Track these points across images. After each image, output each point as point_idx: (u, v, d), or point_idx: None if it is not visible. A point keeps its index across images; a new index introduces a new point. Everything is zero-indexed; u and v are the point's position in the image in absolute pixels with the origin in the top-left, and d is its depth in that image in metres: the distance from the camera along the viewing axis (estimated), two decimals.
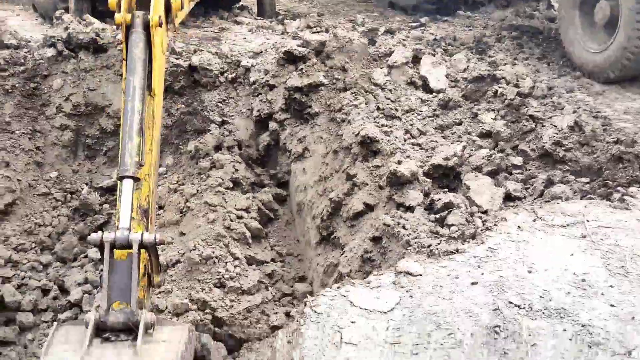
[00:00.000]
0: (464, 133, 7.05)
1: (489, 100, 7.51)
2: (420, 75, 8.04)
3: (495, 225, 5.17)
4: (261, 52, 8.70)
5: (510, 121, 7.07)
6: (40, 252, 7.03)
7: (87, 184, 7.79)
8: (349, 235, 6.09)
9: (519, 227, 5.09)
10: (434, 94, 7.79)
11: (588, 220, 5.11)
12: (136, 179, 4.34)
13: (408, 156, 6.36)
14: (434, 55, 8.32)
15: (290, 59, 7.99)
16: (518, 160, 6.49)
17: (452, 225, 5.29)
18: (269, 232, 7.36)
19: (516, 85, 7.60)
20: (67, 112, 8.01)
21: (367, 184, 6.26)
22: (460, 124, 7.27)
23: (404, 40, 9.11)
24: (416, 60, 8.23)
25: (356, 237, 5.93)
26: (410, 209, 5.72)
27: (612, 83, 8.52)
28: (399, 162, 6.09)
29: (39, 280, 6.73)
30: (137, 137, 4.37)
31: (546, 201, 5.60)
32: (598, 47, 8.70)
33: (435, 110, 7.53)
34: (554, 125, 6.74)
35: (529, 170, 6.39)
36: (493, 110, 7.32)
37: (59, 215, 7.44)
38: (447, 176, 6.20)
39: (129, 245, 4.20)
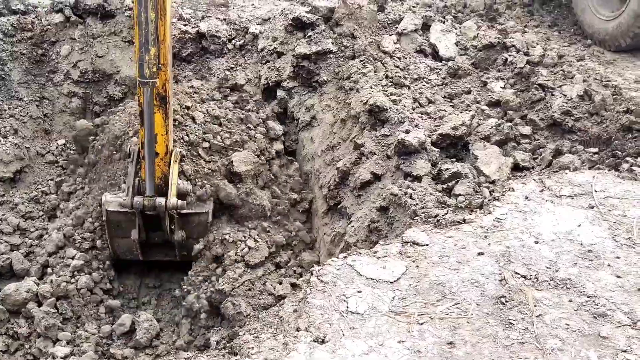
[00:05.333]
0: (473, 102, 7.01)
1: (498, 68, 7.46)
2: (429, 42, 7.98)
3: (503, 195, 5.16)
4: (269, 18, 8.63)
5: (519, 90, 7.03)
6: (48, 220, 7.06)
7: None
8: (356, 204, 6.09)
9: (526, 197, 5.08)
10: (443, 62, 7.73)
11: (596, 191, 5.09)
12: (154, 87, 5.44)
13: (416, 125, 6.34)
14: (443, 23, 8.24)
15: (299, 25, 7.92)
16: (527, 129, 6.46)
17: (460, 195, 5.29)
18: None
19: (526, 54, 7.53)
20: (75, 79, 7.99)
21: (374, 153, 6.25)
22: (469, 92, 7.23)
23: (413, 7, 9.00)
24: (426, 27, 8.16)
25: (363, 206, 5.94)
26: (417, 178, 5.71)
27: (623, 51, 8.41)
28: (407, 132, 6.07)
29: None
30: (152, 47, 5.33)
31: (554, 171, 5.59)
32: (610, 15, 8.58)
33: (444, 78, 7.49)
34: (564, 95, 6.69)
35: (538, 140, 6.37)
36: (502, 79, 7.27)
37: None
38: (455, 146, 6.18)
39: (155, 209, 5.93)
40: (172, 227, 6.25)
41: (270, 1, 9.93)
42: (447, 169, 5.65)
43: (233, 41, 8.36)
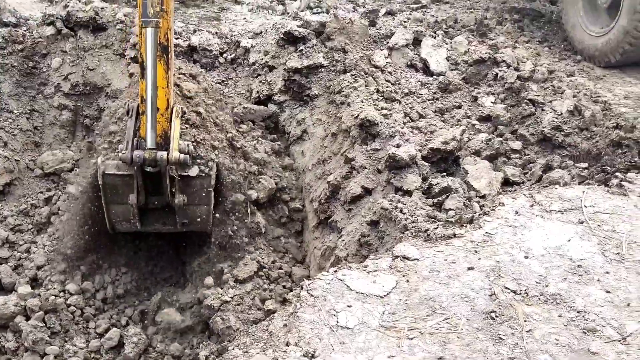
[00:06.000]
0: (464, 117, 7.03)
1: (489, 83, 7.49)
2: (420, 57, 8.01)
3: (493, 210, 5.17)
4: (261, 32, 8.66)
5: (510, 105, 7.06)
6: (37, 233, 7.03)
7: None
8: (347, 218, 6.09)
9: (516, 212, 5.08)
10: (434, 76, 7.77)
11: (586, 206, 5.10)
12: (157, 27, 5.29)
13: (407, 140, 6.35)
14: (434, 38, 8.28)
15: (290, 39, 7.95)
16: (517, 144, 6.49)
17: (450, 209, 5.30)
18: None
19: (517, 69, 7.57)
20: (66, 92, 7.97)
21: (365, 168, 6.25)
22: (459, 107, 7.26)
23: (404, 22, 9.06)
24: (417, 42, 8.20)
25: (354, 220, 5.93)
26: (408, 193, 5.71)
27: (612, 67, 8.48)
28: (398, 146, 6.08)
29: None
30: None
31: (544, 186, 5.60)
32: (599, 31, 8.66)
33: (435, 93, 7.52)
34: (554, 110, 6.72)
35: (528, 155, 6.39)
36: (493, 94, 7.31)
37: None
38: (445, 160, 6.19)
39: (157, 164, 5.54)
40: (173, 190, 5.91)
41: (262, 15, 9.98)
42: (438, 183, 5.66)
43: (225, 55, 8.38)
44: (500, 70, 7.50)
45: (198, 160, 5.97)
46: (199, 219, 6.16)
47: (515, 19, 10.19)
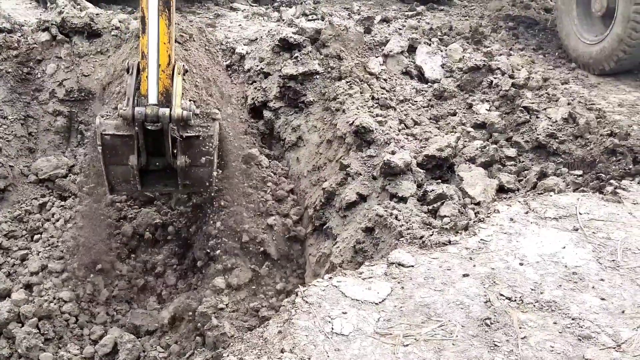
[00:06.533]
0: (458, 124, 7.04)
1: (484, 91, 7.51)
2: (415, 64, 8.03)
3: (488, 217, 5.18)
4: (256, 39, 8.67)
5: (504, 112, 7.07)
6: (31, 240, 7.01)
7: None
8: (342, 225, 6.09)
9: (511, 219, 5.09)
10: (429, 84, 7.78)
11: (580, 213, 5.11)
12: None
13: (402, 146, 6.36)
14: (429, 45, 8.30)
15: (286, 46, 7.95)
16: (512, 151, 6.50)
17: (445, 216, 5.30)
18: None
19: (511, 76, 7.59)
20: (61, 98, 7.96)
21: (360, 174, 6.25)
22: (454, 114, 7.27)
23: (399, 29, 9.07)
24: (412, 49, 8.22)
25: (349, 227, 5.93)
26: (403, 199, 5.72)
27: (607, 75, 8.52)
28: (393, 153, 6.09)
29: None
30: None
31: (539, 193, 5.61)
32: (594, 39, 8.69)
33: (430, 100, 7.53)
34: (548, 117, 6.74)
35: (523, 162, 6.40)
36: (488, 101, 7.32)
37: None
38: (440, 167, 6.20)
39: (158, 121, 5.33)
40: (174, 151, 5.72)
41: (257, 22, 10.00)
42: (433, 190, 5.66)
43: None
44: (495, 78, 7.52)
45: (200, 120, 5.76)
46: (201, 181, 5.98)
47: (510, 27, 10.23)
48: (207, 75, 6.42)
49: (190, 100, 5.66)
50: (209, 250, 6.57)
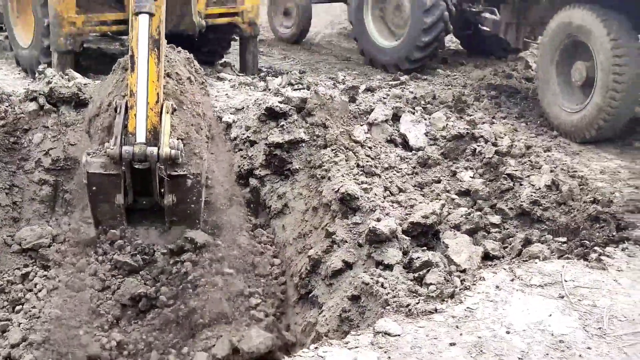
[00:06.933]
0: (443, 191, 7.10)
1: (467, 158, 7.59)
2: (399, 132, 8.12)
3: (474, 284, 5.17)
4: (243, 108, 8.76)
5: (488, 180, 7.14)
6: (12, 311, 6.90)
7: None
8: (328, 293, 6.05)
9: (497, 286, 5.09)
10: (414, 151, 7.86)
11: (566, 280, 5.12)
12: (151, 15, 5.28)
13: (387, 214, 6.38)
14: (413, 114, 8.41)
15: (272, 115, 8.04)
16: (496, 218, 6.53)
17: (431, 284, 5.29)
18: None
19: (494, 144, 7.68)
20: (46, 167, 7.96)
21: (346, 242, 6.25)
22: (439, 182, 7.33)
23: (384, 98, 9.21)
24: (396, 118, 8.32)
25: (335, 295, 5.90)
26: (389, 267, 5.71)
27: (588, 143, 8.65)
28: (379, 220, 6.10)
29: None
30: None
31: (524, 260, 5.62)
32: (575, 108, 8.87)
33: (414, 168, 7.60)
34: (532, 184, 6.80)
35: (507, 229, 6.43)
36: (472, 168, 7.40)
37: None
38: (425, 234, 6.22)
39: (146, 160, 5.29)
40: (162, 190, 5.63)
41: (244, 91, 10.14)
42: (418, 257, 5.67)
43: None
44: (478, 146, 7.61)
45: (187, 159, 5.73)
46: (189, 218, 5.94)
47: (493, 96, 10.42)
48: (197, 111, 6.45)
49: (178, 139, 5.64)
50: (191, 325, 6.47)
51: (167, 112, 5.50)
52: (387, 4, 13.68)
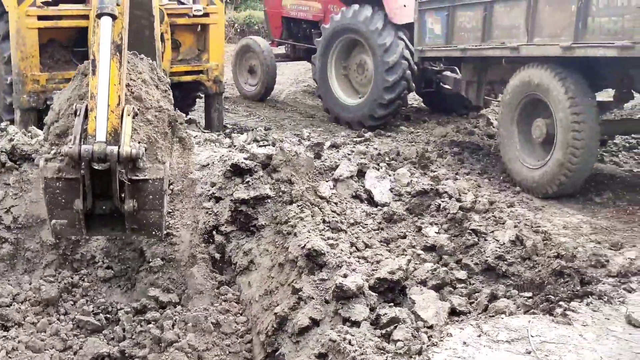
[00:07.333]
0: (409, 246, 7.12)
1: (432, 214, 7.64)
2: (365, 188, 8.17)
3: (441, 340, 5.15)
4: (208, 164, 8.76)
5: (453, 235, 7.19)
6: None
7: None
8: (295, 351, 5.96)
9: (464, 342, 5.08)
10: (379, 207, 7.90)
11: (532, 336, 5.13)
12: (114, 17, 5.20)
13: (354, 269, 6.36)
14: (378, 170, 8.48)
15: (237, 171, 8.04)
16: (462, 274, 6.56)
17: (399, 340, 5.25)
18: None
19: (458, 200, 7.76)
20: (7, 225, 7.81)
21: (313, 298, 6.20)
22: (404, 237, 7.35)
23: (348, 154, 9.30)
24: (361, 174, 8.38)
25: (302, 353, 5.81)
26: (356, 323, 5.67)
27: (550, 198, 8.78)
28: (345, 276, 6.08)
29: None
30: None
31: (490, 316, 5.63)
32: (536, 163, 9.03)
33: (380, 223, 7.62)
34: (496, 240, 6.87)
35: (473, 284, 6.45)
36: (436, 224, 7.45)
37: None
38: (392, 290, 6.20)
39: (106, 159, 5.10)
40: (122, 195, 5.37)
41: (209, 148, 10.13)
42: (386, 313, 5.64)
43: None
44: (442, 201, 7.68)
45: (149, 163, 5.55)
46: (150, 226, 5.67)
47: (455, 152, 10.58)
48: (161, 116, 6.36)
49: (139, 142, 5.51)
50: None
51: (129, 115, 5.37)
52: (350, 63, 13.94)
